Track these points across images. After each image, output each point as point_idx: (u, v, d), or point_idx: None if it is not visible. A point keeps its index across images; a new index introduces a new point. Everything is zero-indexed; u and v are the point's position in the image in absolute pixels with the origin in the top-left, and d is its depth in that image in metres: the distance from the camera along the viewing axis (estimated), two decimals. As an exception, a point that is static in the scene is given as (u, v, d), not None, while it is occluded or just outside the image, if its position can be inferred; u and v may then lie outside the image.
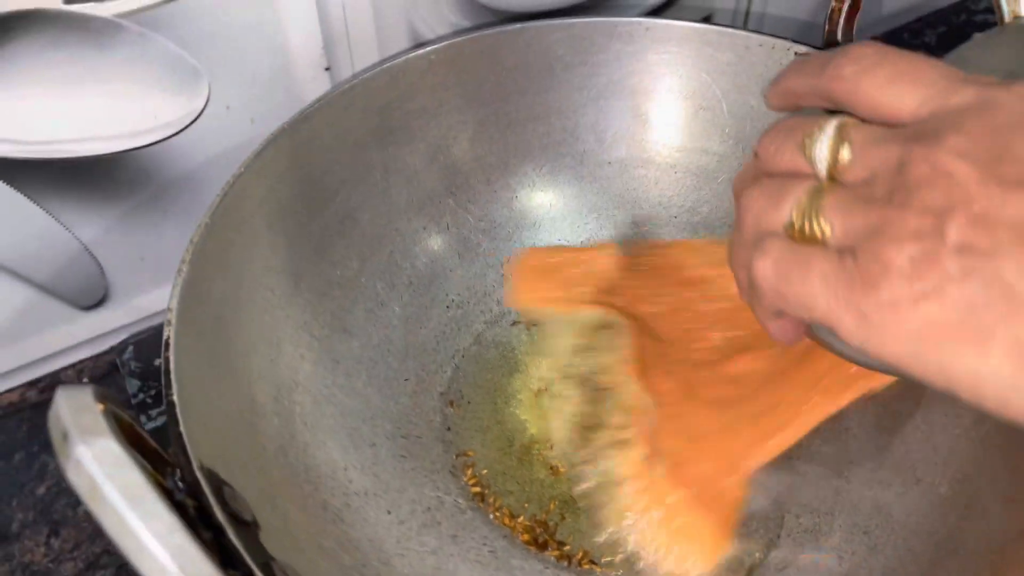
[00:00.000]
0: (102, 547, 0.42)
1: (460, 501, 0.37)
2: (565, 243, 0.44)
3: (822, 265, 0.23)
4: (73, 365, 0.48)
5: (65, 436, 0.23)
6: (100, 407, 0.24)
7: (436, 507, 0.37)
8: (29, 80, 0.39)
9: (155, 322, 0.48)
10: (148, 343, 0.46)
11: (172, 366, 0.31)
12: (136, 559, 0.22)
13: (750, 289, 0.25)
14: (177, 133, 0.44)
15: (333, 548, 0.33)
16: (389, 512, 0.36)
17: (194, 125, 0.44)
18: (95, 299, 0.47)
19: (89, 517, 0.43)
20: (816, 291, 0.23)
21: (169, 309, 0.32)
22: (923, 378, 0.22)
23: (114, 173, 0.45)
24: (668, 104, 0.44)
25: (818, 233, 0.23)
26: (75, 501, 0.43)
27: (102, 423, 0.23)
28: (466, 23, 0.45)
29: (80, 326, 0.48)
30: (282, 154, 0.38)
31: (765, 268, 0.24)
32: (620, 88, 0.44)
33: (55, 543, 0.42)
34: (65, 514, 0.43)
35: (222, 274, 0.35)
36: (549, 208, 0.45)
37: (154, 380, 0.45)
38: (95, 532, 0.42)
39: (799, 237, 0.24)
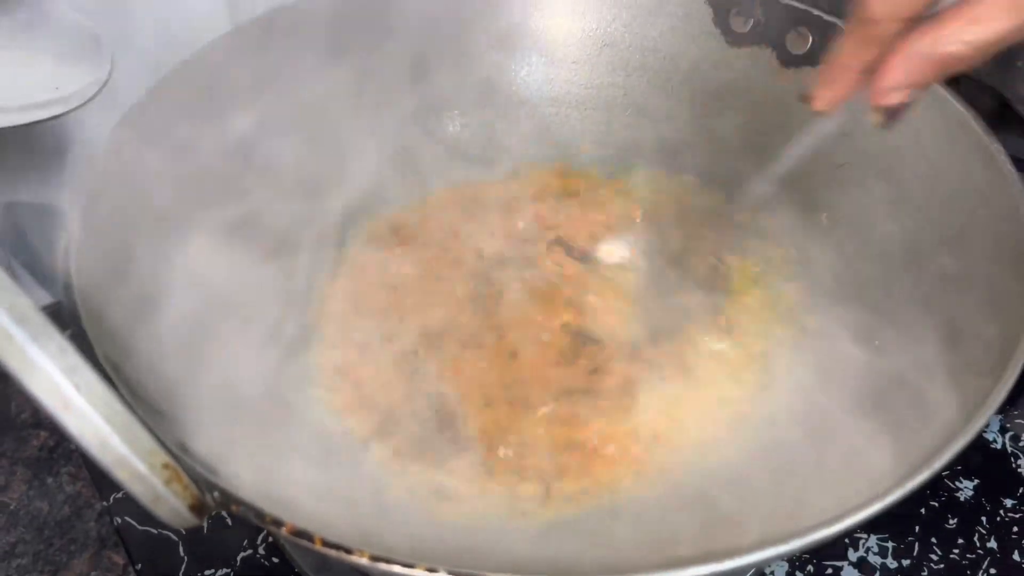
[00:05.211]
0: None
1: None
2: (480, 182, 0.45)
3: None
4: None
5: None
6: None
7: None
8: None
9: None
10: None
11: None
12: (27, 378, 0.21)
13: None
14: (81, 105, 0.43)
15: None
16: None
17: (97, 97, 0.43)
18: None
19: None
20: None
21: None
22: None
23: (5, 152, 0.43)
24: (572, 43, 0.46)
25: None
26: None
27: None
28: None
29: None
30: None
31: None
32: (522, 30, 0.45)
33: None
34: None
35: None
36: (463, 150, 0.45)
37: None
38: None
39: None
